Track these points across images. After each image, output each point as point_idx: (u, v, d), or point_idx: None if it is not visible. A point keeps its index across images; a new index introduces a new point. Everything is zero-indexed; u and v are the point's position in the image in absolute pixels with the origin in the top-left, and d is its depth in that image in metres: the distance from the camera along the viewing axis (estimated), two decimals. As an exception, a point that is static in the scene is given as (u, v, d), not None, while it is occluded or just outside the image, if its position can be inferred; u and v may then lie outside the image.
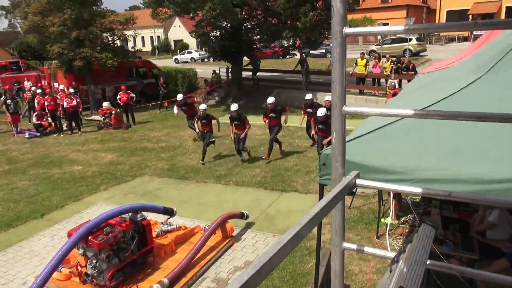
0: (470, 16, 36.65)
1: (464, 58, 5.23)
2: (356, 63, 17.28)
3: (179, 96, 12.70)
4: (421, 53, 27.90)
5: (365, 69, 17.02)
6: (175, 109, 12.80)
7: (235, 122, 10.10)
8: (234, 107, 9.97)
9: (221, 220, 6.27)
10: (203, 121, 10.31)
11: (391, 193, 6.37)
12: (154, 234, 6.05)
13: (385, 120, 3.29)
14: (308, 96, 11.21)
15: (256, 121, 15.49)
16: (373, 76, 17.29)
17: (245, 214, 6.90)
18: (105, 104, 16.40)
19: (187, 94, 19.80)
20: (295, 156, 10.86)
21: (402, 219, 6.68)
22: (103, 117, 16.07)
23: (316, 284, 3.54)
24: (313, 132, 10.08)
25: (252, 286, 0.89)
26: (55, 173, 10.44)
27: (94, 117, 17.44)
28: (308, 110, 10.84)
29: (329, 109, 9.06)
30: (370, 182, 1.57)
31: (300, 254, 5.86)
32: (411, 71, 15.69)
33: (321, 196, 3.17)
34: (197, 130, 10.99)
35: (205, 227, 6.44)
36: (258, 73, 21.73)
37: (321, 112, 9.16)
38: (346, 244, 1.63)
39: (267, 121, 10.74)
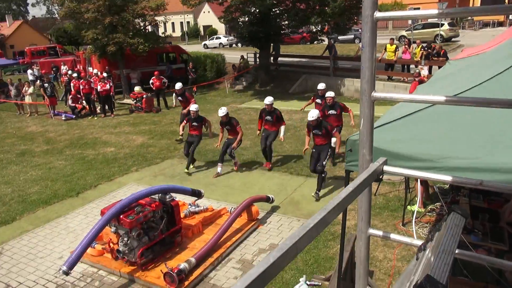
0: (506, 0, 34.71)
1: (498, 44, 5.01)
2: (385, 49, 16.84)
3: (178, 85, 11.81)
4: (453, 39, 26.77)
5: (395, 55, 16.57)
6: (174, 99, 12.43)
7: (226, 127, 8.79)
8: (222, 111, 8.50)
9: (247, 203, 6.37)
10: (194, 123, 8.88)
11: (419, 181, 6.26)
12: (182, 215, 6.23)
13: (414, 107, 3.23)
14: (321, 86, 10.06)
15: (283, 106, 15.45)
16: (402, 62, 16.80)
17: (271, 198, 6.98)
18: (137, 88, 16.76)
19: (190, 87, 19.88)
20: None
21: (429, 207, 6.57)
22: (135, 101, 16.45)
23: (340, 269, 3.58)
24: (306, 147, 7.83)
25: (278, 268, 0.93)
26: (89, 154, 10.84)
27: (126, 100, 17.88)
28: (318, 100, 9.92)
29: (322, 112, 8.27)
30: (398, 169, 1.57)
31: (325, 239, 5.90)
32: (442, 57, 15.15)
33: (347, 182, 3.18)
34: (180, 131, 9.67)
35: (231, 210, 6.57)
36: (283, 58, 21.54)
37: (312, 115, 7.26)
38: (371, 231, 1.65)
39: (260, 129, 9.02)
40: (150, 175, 8.97)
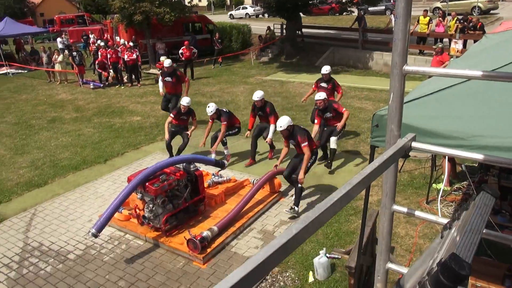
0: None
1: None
2: (418, 21, 16.09)
3: (167, 62, 9.71)
4: (491, 11, 25.27)
5: (428, 28, 15.83)
6: (160, 85, 10.21)
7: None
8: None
9: (269, 176, 6.41)
10: (182, 116, 7.98)
11: (447, 159, 6.12)
12: (205, 185, 6.35)
13: (444, 83, 3.12)
14: (325, 69, 8.50)
15: (308, 79, 15.22)
16: (435, 36, 16.05)
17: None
18: (163, 58, 16.79)
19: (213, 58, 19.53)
20: (347, 116, 10.63)
21: (455, 186, 6.44)
22: (160, 71, 16.52)
23: (360, 243, 3.60)
24: (315, 131, 7.25)
25: (300, 240, 0.93)
26: (117, 122, 11.08)
27: (152, 70, 18.00)
28: (322, 84, 8.52)
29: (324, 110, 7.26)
30: (427, 145, 1.53)
31: (346, 214, 5.91)
32: (479, 30, 14.38)
33: (371, 158, 3.14)
34: (166, 131, 7.96)
35: (253, 181, 6.64)
36: (310, 30, 21.00)
37: (319, 95, 7.20)
38: (395, 207, 1.64)
39: (251, 128, 7.95)
40: (175, 145, 9.12)
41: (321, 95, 7.24)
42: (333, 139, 7.25)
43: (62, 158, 8.68)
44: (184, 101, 7.90)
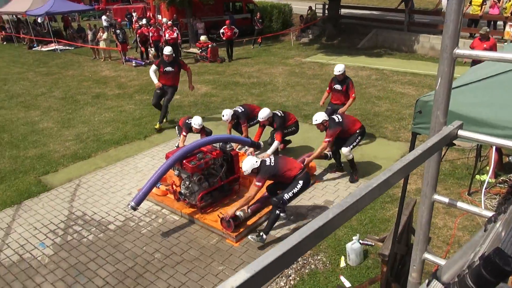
0: None
1: None
2: (470, 2, 15.13)
3: (167, 50, 8.65)
4: None
5: (481, 10, 14.86)
6: (153, 74, 8.71)
7: (336, 86, 7.68)
8: (339, 68, 7.53)
9: (304, 159, 6.37)
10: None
11: (494, 149, 5.82)
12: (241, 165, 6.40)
13: (496, 69, 2.93)
14: (339, 69, 7.54)
15: (349, 62, 14.82)
16: (489, 18, 15.06)
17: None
18: (203, 38, 16.91)
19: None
20: (387, 101, 10.32)
21: (501, 178, 6.13)
22: (200, 50, 16.66)
23: (396, 231, 3.53)
24: (321, 102, 7.97)
25: (336, 224, 0.92)
26: (156, 100, 11.34)
27: (192, 49, 18.18)
28: (336, 86, 7.73)
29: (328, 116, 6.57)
30: (475, 134, 1.46)
31: (382, 201, 5.80)
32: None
33: (412, 145, 3.03)
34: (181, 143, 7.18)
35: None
36: (352, 11, 20.31)
37: (338, 69, 7.47)
38: (436, 196, 1.58)
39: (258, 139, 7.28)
40: (213, 124, 9.22)
41: (340, 68, 7.52)
42: (345, 151, 6.34)
43: (104, 133, 9.03)
44: (197, 122, 6.98)
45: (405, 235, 4.21)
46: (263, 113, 6.99)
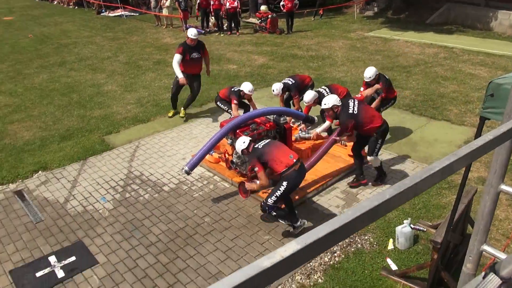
0: None
1: None
2: None
3: (193, 32, 8.09)
4: None
5: None
6: (177, 66, 7.73)
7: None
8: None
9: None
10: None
11: None
12: (293, 138, 6.38)
13: None
14: (369, 74, 6.53)
15: (415, 38, 13.96)
16: None
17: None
18: (263, 8, 16.68)
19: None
20: (454, 82, 9.66)
21: None
22: (260, 20, 16.48)
23: (452, 219, 3.37)
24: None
25: (392, 206, 0.89)
26: (214, 69, 11.46)
27: (251, 19, 18.02)
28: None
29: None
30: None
31: (439, 187, 5.55)
32: None
33: (479, 131, 2.82)
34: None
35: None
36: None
37: (369, 74, 6.50)
38: (504, 187, 1.48)
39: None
40: (267, 96, 9.22)
41: (371, 74, 6.47)
42: (370, 159, 5.65)
43: (163, 98, 9.35)
44: (249, 88, 6.95)
45: (461, 224, 4.02)
46: (308, 97, 6.48)
